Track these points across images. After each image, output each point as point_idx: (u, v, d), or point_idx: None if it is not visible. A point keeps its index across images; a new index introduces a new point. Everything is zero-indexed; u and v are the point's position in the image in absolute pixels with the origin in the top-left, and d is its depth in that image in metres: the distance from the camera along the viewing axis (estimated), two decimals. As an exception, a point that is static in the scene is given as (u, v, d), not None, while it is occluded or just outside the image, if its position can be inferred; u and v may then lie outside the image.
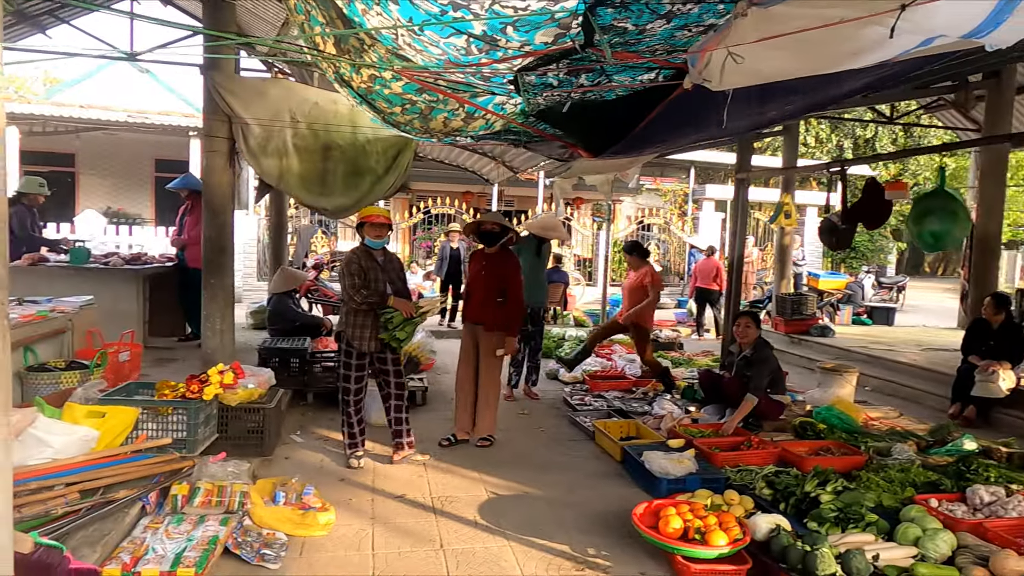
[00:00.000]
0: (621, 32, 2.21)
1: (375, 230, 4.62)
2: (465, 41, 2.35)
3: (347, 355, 4.67)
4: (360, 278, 4.53)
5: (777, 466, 4.57)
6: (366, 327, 4.59)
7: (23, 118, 14.00)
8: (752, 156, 6.66)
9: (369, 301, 4.50)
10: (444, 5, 2.07)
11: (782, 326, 10.16)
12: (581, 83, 2.83)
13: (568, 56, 2.42)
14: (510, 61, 2.51)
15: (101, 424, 3.45)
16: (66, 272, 6.24)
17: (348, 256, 4.68)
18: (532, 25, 2.12)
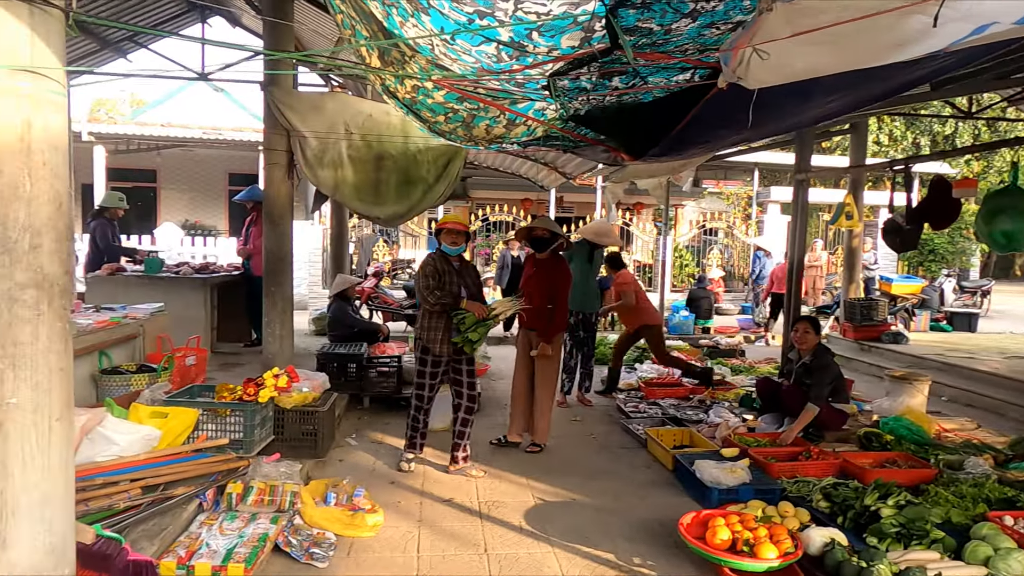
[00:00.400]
0: (647, 33, 2.18)
1: (451, 236, 4.68)
2: (495, 48, 2.38)
3: (422, 360, 4.74)
4: (435, 280, 4.61)
5: (837, 478, 4.38)
6: (439, 329, 4.64)
7: (111, 138, 14.94)
8: (812, 156, 6.42)
9: (442, 302, 4.56)
10: (471, 13, 2.11)
11: (851, 332, 9.74)
12: (615, 86, 2.81)
13: (598, 59, 2.41)
14: (541, 66, 2.53)
15: (163, 424, 3.64)
16: (141, 281, 6.62)
17: (425, 260, 4.78)
18: (556, 29, 2.13)
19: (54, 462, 2.24)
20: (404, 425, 5.89)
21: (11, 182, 2.12)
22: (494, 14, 2.07)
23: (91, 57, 8.98)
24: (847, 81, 2.60)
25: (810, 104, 2.65)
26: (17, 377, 2.15)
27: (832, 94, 2.60)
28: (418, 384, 4.79)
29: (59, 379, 2.25)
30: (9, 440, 2.16)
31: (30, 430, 2.18)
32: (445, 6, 2.11)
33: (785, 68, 2.26)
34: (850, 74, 2.47)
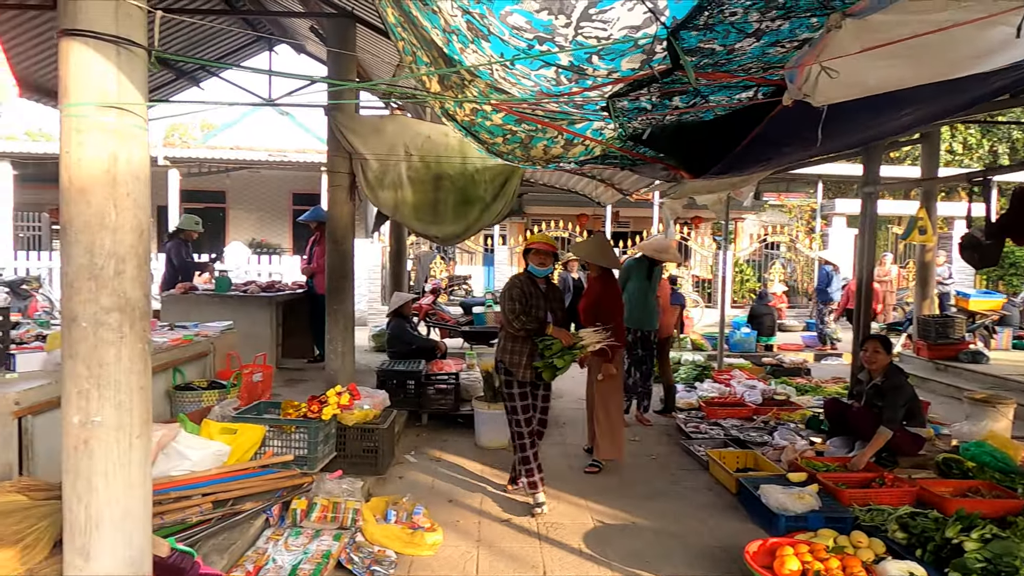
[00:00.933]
0: (709, 53, 2.15)
1: (539, 257, 4.55)
2: (555, 72, 2.39)
3: (508, 384, 4.57)
4: (521, 304, 4.43)
5: (914, 507, 4.16)
6: (523, 354, 4.48)
7: (184, 161, 15.70)
8: (881, 167, 6.17)
9: (528, 328, 4.39)
10: (530, 40, 2.13)
11: (925, 351, 9.27)
12: (676, 105, 2.78)
13: (658, 80, 2.39)
14: (600, 88, 2.52)
15: (233, 440, 3.76)
16: (211, 299, 6.90)
17: (511, 281, 4.61)
18: (617, 53, 2.12)
19: (134, 478, 2.35)
20: (461, 443, 5.97)
21: (98, 212, 2.25)
22: (554, 39, 2.08)
23: (167, 87, 9.48)
24: (923, 94, 2.49)
25: (882, 118, 2.55)
26: (101, 396, 2.27)
27: (906, 107, 2.50)
28: (511, 409, 4.57)
29: (139, 398, 2.36)
30: (94, 457, 2.27)
31: (113, 447, 2.30)
32: (505, 33, 2.13)
33: (855, 84, 2.19)
34: (926, 86, 2.37)
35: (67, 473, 2.29)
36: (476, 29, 2.32)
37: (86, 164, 2.23)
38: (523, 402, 4.54)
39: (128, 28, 2.28)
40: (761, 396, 7.34)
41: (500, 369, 4.61)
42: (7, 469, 3.11)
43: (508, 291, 4.52)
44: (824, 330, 11.93)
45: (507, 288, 4.55)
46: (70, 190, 2.23)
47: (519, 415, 4.53)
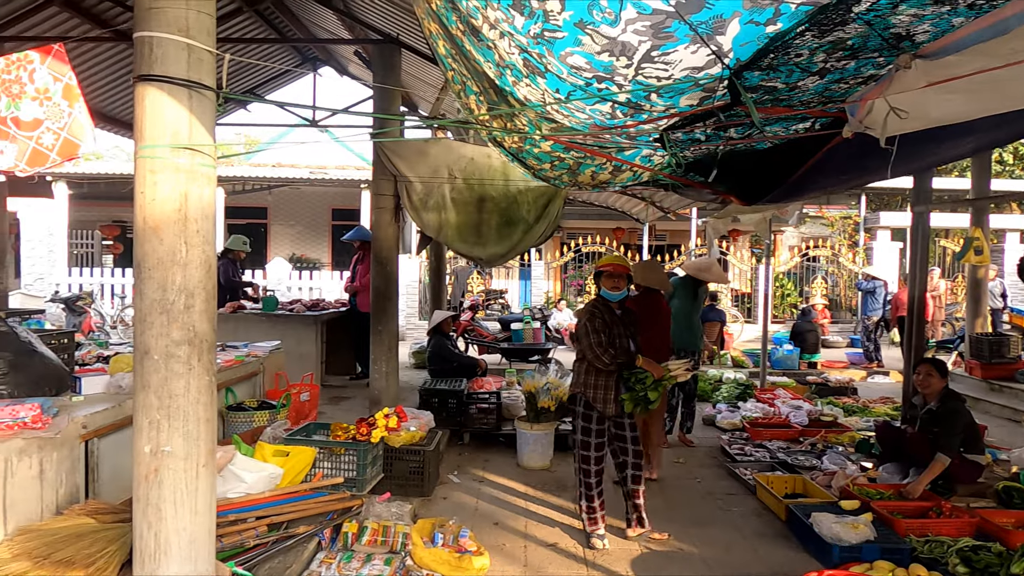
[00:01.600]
0: (770, 90, 2.15)
1: (613, 281, 4.26)
2: (610, 107, 2.41)
3: (586, 418, 4.32)
4: (605, 335, 4.18)
5: (974, 539, 4.02)
6: (610, 388, 4.25)
7: (228, 180, 16.13)
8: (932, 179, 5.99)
9: (619, 362, 4.17)
10: (589, 78, 2.15)
11: (978, 371, 8.96)
12: (730, 136, 2.77)
13: (716, 115, 2.39)
14: (655, 122, 2.54)
15: (285, 463, 3.84)
16: (258, 319, 7.07)
17: (589, 310, 4.32)
18: (676, 91, 2.13)
19: (200, 506, 2.42)
20: (503, 463, 5.98)
21: (170, 249, 2.34)
22: (613, 79, 2.10)
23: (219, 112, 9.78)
24: (985, 123, 2.45)
25: (944, 147, 2.50)
26: (171, 427, 2.35)
27: (968, 137, 2.45)
28: (583, 444, 4.32)
29: (206, 428, 2.44)
30: (164, 485, 2.35)
31: (181, 476, 2.37)
32: (564, 72, 2.17)
33: (918, 118, 2.17)
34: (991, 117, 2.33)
35: (138, 501, 2.37)
36: (533, 66, 2.36)
37: (159, 204, 2.32)
38: (599, 439, 4.31)
39: (199, 72, 2.38)
40: (807, 417, 7.18)
41: (579, 402, 4.34)
42: (75, 491, 3.22)
43: (589, 322, 4.24)
44: (869, 347, 11.65)
45: (587, 319, 4.27)
46: (144, 229, 2.33)
47: (591, 451, 4.31)
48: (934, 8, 1.57)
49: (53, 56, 2.79)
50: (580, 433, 4.38)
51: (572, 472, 5.76)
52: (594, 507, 4.36)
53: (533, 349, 9.79)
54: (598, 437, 4.34)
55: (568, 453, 6.31)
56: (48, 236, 15.06)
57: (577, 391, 4.39)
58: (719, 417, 7.46)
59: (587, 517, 4.37)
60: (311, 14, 7.71)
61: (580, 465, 4.39)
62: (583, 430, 4.36)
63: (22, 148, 2.73)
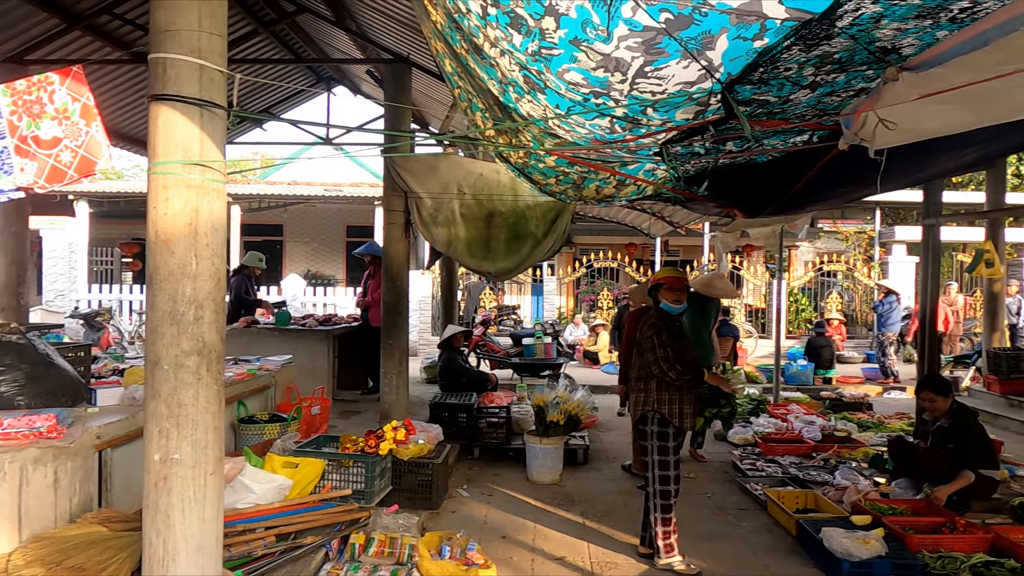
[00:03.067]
0: (763, 103, 2.18)
1: (674, 294, 4.17)
2: (609, 122, 2.46)
3: (663, 436, 4.15)
4: (673, 350, 4.09)
5: (988, 555, 3.96)
6: (683, 403, 4.15)
7: (244, 197, 16.37)
8: (943, 194, 5.99)
9: (686, 378, 4.08)
10: (586, 94, 2.21)
11: (996, 386, 8.84)
12: (729, 150, 2.81)
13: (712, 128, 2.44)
14: (654, 136, 2.58)
15: (294, 474, 3.89)
16: (271, 333, 7.16)
17: (654, 324, 4.19)
18: (671, 105, 2.18)
19: (208, 514, 2.47)
20: (512, 477, 5.98)
21: (181, 262, 2.41)
22: (609, 94, 2.15)
23: (232, 130, 10.00)
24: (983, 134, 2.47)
25: (942, 159, 2.52)
26: (180, 435, 2.40)
27: (966, 148, 2.47)
28: (661, 463, 4.14)
29: (214, 437, 2.49)
30: (172, 493, 2.40)
31: (189, 484, 2.42)
32: (562, 88, 2.22)
33: (912, 130, 2.19)
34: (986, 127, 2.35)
35: (147, 508, 2.43)
36: (533, 83, 2.42)
37: (171, 218, 2.40)
38: (676, 456, 4.19)
39: (211, 91, 2.46)
40: (820, 432, 7.11)
41: (652, 420, 4.18)
42: (88, 500, 3.28)
43: (656, 335, 4.12)
44: (885, 362, 11.52)
45: (653, 332, 4.15)
46: (156, 242, 2.40)
47: (670, 470, 4.14)
48: (916, 22, 1.61)
49: (72, 77, 2.90)
50: (657, 453, 4.17)
51: (579, 485, 5.80)
52: (670, 531, 4.16)
53: (544, 364, 9.80)
54: (676, 454, 4.20)
55: (577, 468, 6.32)
56: (70, 253, 15.35)
57: (648, 409, 4.19)
58: (731, 432, 7.40)
59: (664, 543, 4.12)
60: (325, 35, 7.89)
61: (659, 487, 4.14)
62: (660, 449, 4.16)
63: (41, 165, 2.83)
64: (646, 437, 4.26)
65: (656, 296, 4.30)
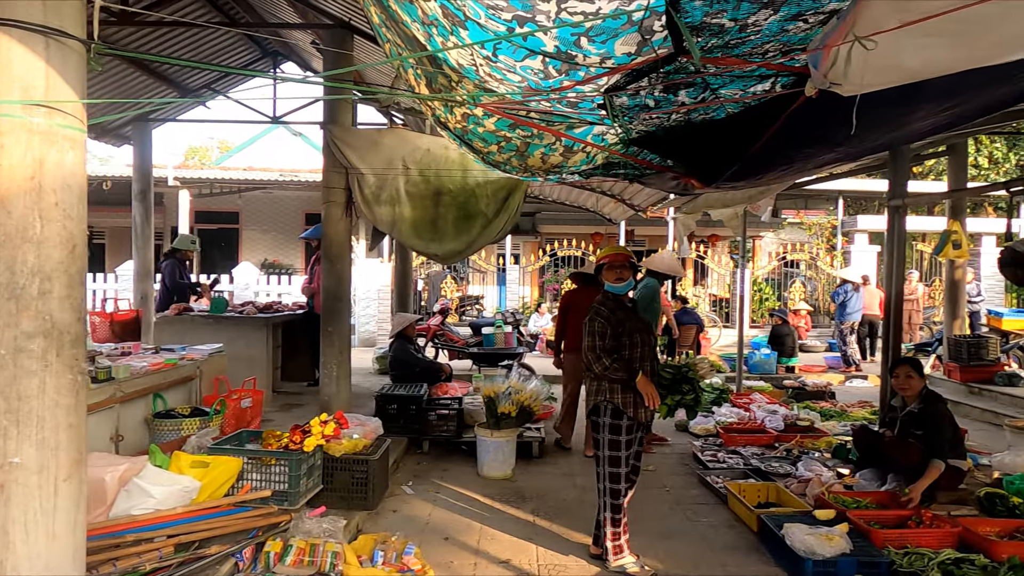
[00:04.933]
0: (718, 31, 1.85)
1: (614, 272, 3.87)
2: (541, 62, 2.11)
3: (615, 428, 3.82)
4: (606, 338, 3.75)
5: (958, 550, 3.74)
6: (639, 394, 3.79)
7: (194, 182, 15.64)
8: (908, 181, 5.81)
9: (611, 377, 3.75)
10: (509, 21, 1.84)
11: (957, 374, 8.78)
12: (682, 101, 2.47)
13: (659, 69, 2.09)
14: (595, 81, 2.23)
15: (205, 474, 3.46)
16: (206, 321, 6.66)
17: (592, 309, 3.85)
18: (608, 33, 1.83)
19: (60, 528, 2.05)
20: (463, 472, 5.63)
21: (20, 224, 1.98)
22: (535, 19, 1.79)
23: (171, 105, 9.38)
24: (967, 82, 2.16)
25: (919, 114, 2.22)
26: (21, 434, 1.99)
27: (947, 100, 2.17)
28: (612, 458, 3.82)
29: (68, 436, 2.07)
30: (11, 504, 1.98)
31: (34, 493, 2.01)
32: (481, 15, 1.85)
33: (892, 68, 1.87)
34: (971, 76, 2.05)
35: (-19, 523, 2.00)
36: (452, 15, 2.04)
37: (6, 171, 1.97)
38: (628, 450, 3.85)
39: (59, 18, 2.03)
40: (783, 422, 6.91)
41: (604, 411, 3.84)
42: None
43: (589, 323, 3.79)
44: (846, 350, 11.46)
45: (587, 318, 3.83)
46: (-12, 199, 1.97)
47: (621, 467, 3.83)
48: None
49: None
50: (608, 447, 3.83)
51: (534, 480, 5.48)
52: (619, 532, 3.86)
53: (503, 354, 9.45)
54: (628, 448, 3.84)
55: (531, 461, 6.00)
56: None
57: (601, 400, 3.84)
58: (692, 422, 7.16)
59: (612, 544, 3.83)
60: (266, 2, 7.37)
61: (609, 484, 3.84)
62: (612, 443, 3.82)
63: None
64: (598, 429, 3.92)
65: (601, 278, 3.99)
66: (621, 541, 3.87)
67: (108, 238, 19.87)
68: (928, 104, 2.23)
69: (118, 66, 7.61)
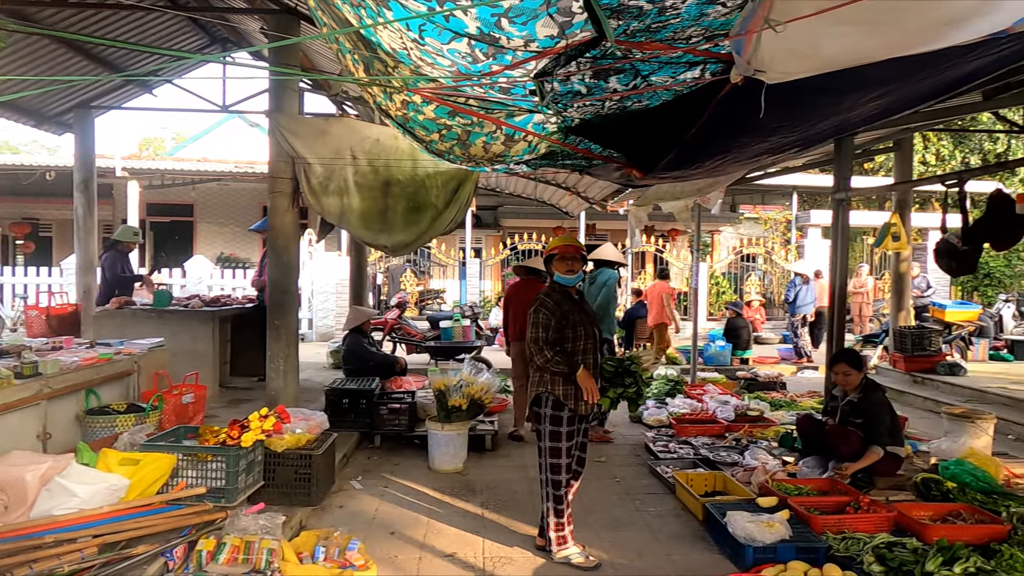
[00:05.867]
0: (636, 14, 1.83)
1: (565, 264, 3.83)
2: (467, 45, 2.06)
3: (555, 420, 3.78)
4: (551, 331, 3.70)
5: (893, 534, 3.84)
6: (579, 386, 3.76)
7: (143, 172, 15.17)
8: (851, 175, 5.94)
9: (552, 370, 3.71)
10: (429, 1, 1.79)
11: (902, 363, 9.04)
12: (614, 88, 2.45)
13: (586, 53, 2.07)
14: (523, 65, 2.19)
15: (134, 472, 3.34)
16: (148, 315, 6.45)
17: (538, 300, 3.81)
18: (528, 14, 1.79)
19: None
20: (414, 467, 5.57)
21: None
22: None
23: (116, 92, 9.05)
24: (891, 73, 2.19)
25: (846, 102, 2.25)
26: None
27: (873, 91, 2.20)
28: (553, 450, 3.79)
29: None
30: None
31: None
32: (403, -6, 1.81)
33: (811, 56, 1.88)
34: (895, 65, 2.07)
35: None
36: (375, -7, 1.98)
37: None
38: (569, 442, 3.81)
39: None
40: (734, 412, 7.01)
41: (545, 402, 3.81)
42: None
43: (534, 314, 3.74)
44: (798, 342, 11.71)
45: (533, 309, 3.78)
46: None
47: (562, 458, 3.79)
48: None
49: None
50: (549, 439, 3.80)
51: (486, 473, 5.45)
52: (563, 523, 3.84)
53: (460, 347, 9.41)
54: (570, 440, 3.81)
55: (484, 454, 5.98)
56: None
57: (542, 390, 3.80)
58: (646, 414, 7.24)
59: (556, 535, 3.82)
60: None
61: (550, 476, 3.81)
62: (552, 435, 3.80)
63: None
64: (540, 420, 3.89)
65: (550, 268, 3.94)
66: (565, 532, 3.87)
67: (55, 231, 19.20)
68: (854, 93, 2.25)
69: (55, 50, 7.31)
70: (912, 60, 2.05)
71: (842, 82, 2.15)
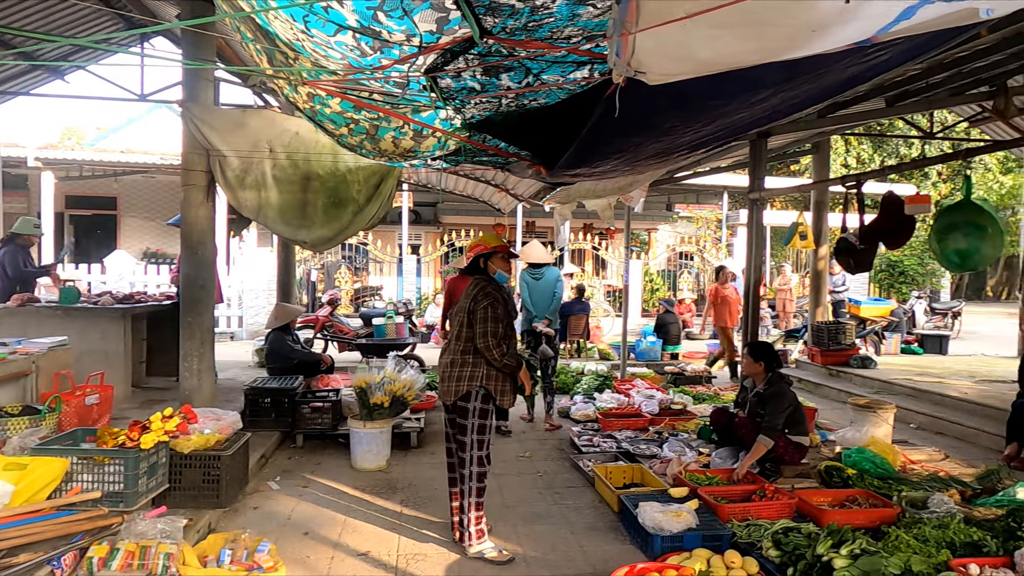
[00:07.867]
0: (510, 12, 1.85)
1: (508, 264, 3.99)
2: (352, 38, 2.04)
3: (484, 414, 3.88)
4: (504, 326, 3.77)
5: (794, 520, 4.00)
6: (508, 380, 3.92)
7: (58, 163, 14.40)
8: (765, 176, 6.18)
9: (508, 364, 3.81)
10: (306, -10, 1.77)
11: (819, 357, 9.44)
12: (507, 85, 2.48)
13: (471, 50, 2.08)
14: (410, 60, 2.19)
15: (20, 477, 3.17)
16: (53, 313, 6.13)
17: (490, 294, 3.79)
18: (402, 8, 1.79)
19: None
20: (336, 466, 5.49)
21: None
22: (328, -11, 1.73)
23: (23, 78, 8.57)
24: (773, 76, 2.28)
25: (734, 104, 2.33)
26: None
27: (758, 92, 2.28)
28: (479, 442, 3.88)
29: None
30: None
31: None
32: (279, -17, 1.77)
33: (686, 59, 1.93)
34: (776, 69, 2.15)
35: None
36: (256, -17, 1.94)
37: None
38: (491, 434, 3.97)
39: None
40: (658, 406, 7.17)
41: (476, 397, 3.85)
42: None
43: (491, 309, 3.73)
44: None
45: (488, 302, 3.75)
46: None
47: (486, 449, 3.91)
48: None
49: None
50: (477, 432, 3.85)
51: (410, 471, 5.42)
52: (483, 515, 3.92)
53: (392, 345, 9.31)
54: (491, 432, 3.97)
55: (409, 452, 5.94)
56: None
57: (475, 385, 3.83)
58: (574, 409, 7.34)
59: (477, 528, 3.86)
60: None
61: (477, 469, 3.85)
62: (481, 428, 3.86)
63: None
64: (465, 415, 3.90)
65: (489, 264, 3.98)
66: (483, 525, 3.90)
67: (-38, 224, 18.02)
68: (741, 95, 2.33)
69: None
70: (789, 65, 2.14)
71: (725, 84, 2.22)
